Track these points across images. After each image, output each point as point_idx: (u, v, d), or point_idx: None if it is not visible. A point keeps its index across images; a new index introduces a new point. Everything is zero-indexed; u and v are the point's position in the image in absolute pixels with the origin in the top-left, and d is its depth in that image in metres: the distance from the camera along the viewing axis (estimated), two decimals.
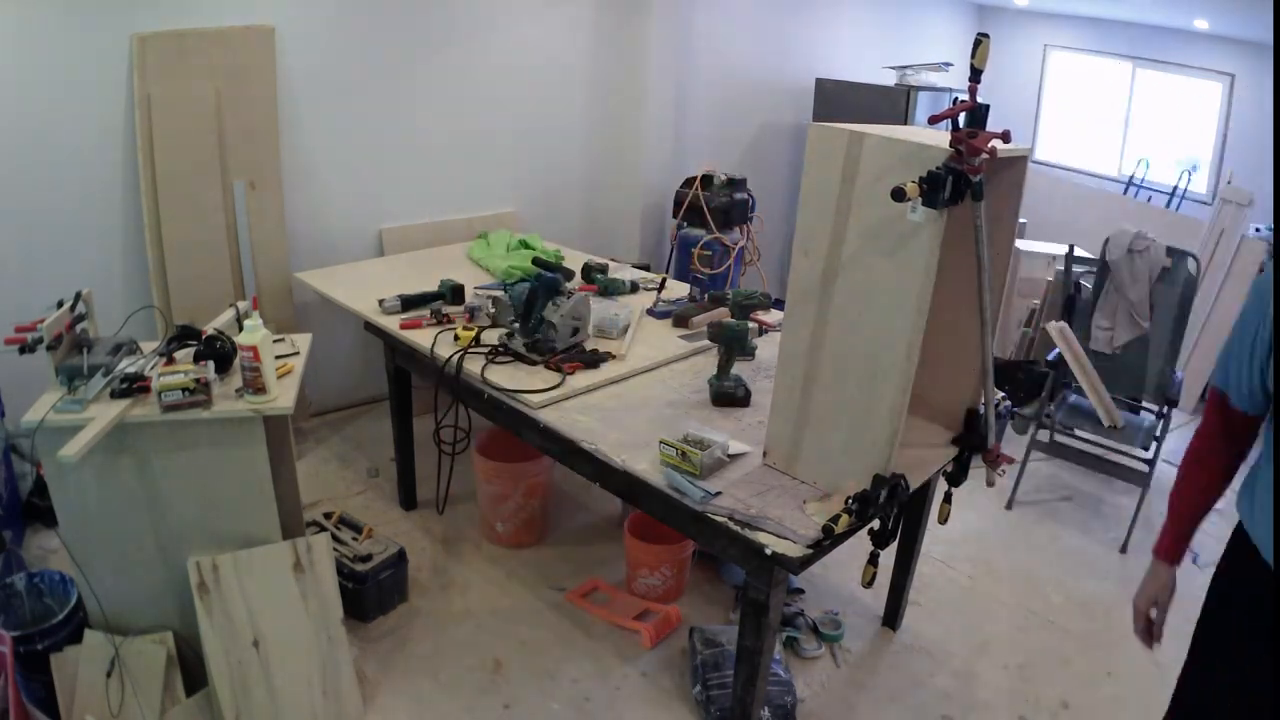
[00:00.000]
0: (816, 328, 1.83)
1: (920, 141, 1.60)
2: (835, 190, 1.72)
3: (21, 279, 2.90)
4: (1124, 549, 3.26)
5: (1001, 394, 4.12)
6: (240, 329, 1.97)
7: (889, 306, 1.69)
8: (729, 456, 1.99)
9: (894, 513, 1.80)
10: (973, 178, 1.56)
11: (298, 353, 2.28)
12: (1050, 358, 3.63)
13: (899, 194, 1.52)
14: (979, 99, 1.59)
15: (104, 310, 2.22)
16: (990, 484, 2.10)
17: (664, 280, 3.26)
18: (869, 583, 1.86)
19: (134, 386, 1.93)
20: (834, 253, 1.76)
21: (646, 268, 4.10)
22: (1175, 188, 6.15)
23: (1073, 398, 3.67)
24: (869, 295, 1.73)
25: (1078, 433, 3.65)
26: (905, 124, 5.01)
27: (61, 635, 2.01)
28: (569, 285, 2.64)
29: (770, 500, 1.84)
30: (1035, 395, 4.07)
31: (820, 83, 5.46)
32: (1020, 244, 4.95)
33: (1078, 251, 3.95)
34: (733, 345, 2.31)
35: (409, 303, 2.83)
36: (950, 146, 1.55)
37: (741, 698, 1.98)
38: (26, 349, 1.87)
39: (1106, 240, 3.56)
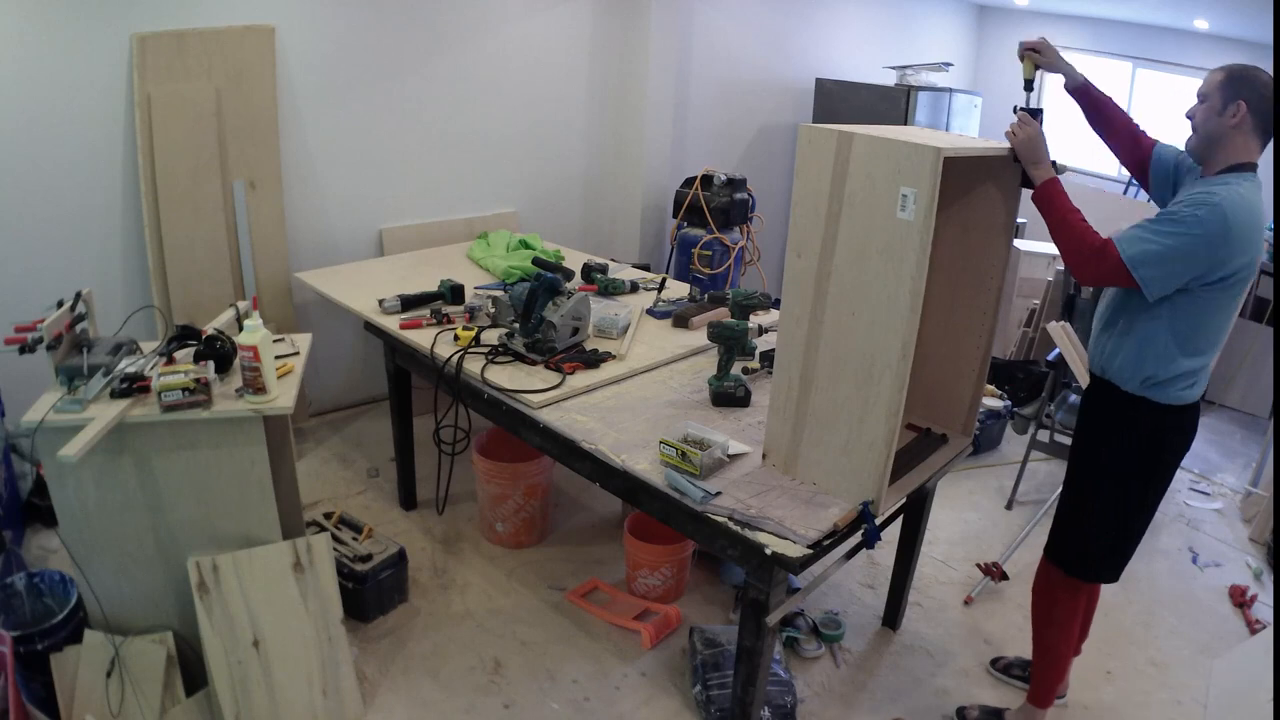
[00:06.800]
0: (812, 329, 1.83)
1: (909, 141, 1.60)
2: (826, 191, 1.72)
3: (21, 279, 2.91)
4: None
5: (1001, 393, 4.14)
6: (240, 329, 1.97)
7: (882, 306, 1.69)
8: (729, 456, 1.99)
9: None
10: None
11: (298, 353, 2.28)
12: (1050, 358, 3.64)
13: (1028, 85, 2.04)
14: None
15: (104, 310, 2.22)
16: None
17: (664, 280, 3.26)
18: None
19: (134, 386, 1.93)
20: (827, 253, 1.76)
21: (646, 268, 4.10)
22: None
23: (1073, 398, 3.67)
24: (863, 295, 1.73)
25: None
26: (905, 124, 5.01)
27: (61, 635, 2.01)
28: (569, 285, 2.64)
29: (770, 500, 1.84)
30: (1035, 395, 4.07)
31: (820, 83, 5.46)
32: (1020, 244, 4.96)
33: None
34: (733, 345, 2.31)
35: (409, 303, 2.83)
36: None
37: (741, 698, 1.98)
38: (26, 349, 1.87)
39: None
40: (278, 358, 2.14)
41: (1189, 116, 1.92)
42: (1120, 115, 2.09)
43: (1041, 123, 1.92)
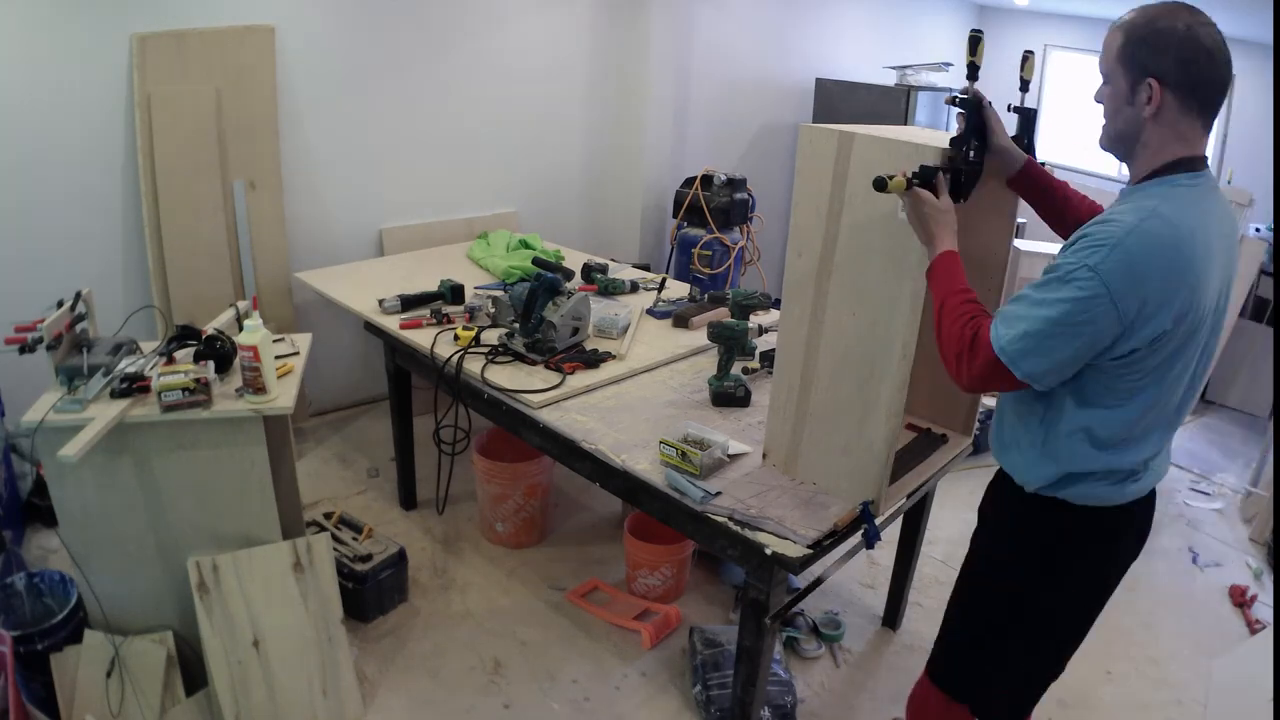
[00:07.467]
0: (812, 329, 1.83)
1: (910, 141, 1.60)
2: (827, 190, 1.72)
3: (22, 279, 2.90)
4: None
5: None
6: (240, 329, 1.97)
7: (883, 306, 1.69)
8: (729, 456, 1.99)
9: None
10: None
11: (298, 353, 2.28)
12: None
13: (880, 184, 1.40)
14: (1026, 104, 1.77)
15: (104, 310, 2.22)
16: None
17: (664, 280, 3.26)
18: None
19: (134, 386, 1.93)
20: (827, 253, 1.76)
21: (646, 268, 4.10)
22: None
23: None
24: (863, 295, 1.72)
25: None
26: (905, 124, 5.01)
27: (61, 635, 2.01)
28: (569, 285, 2.64)
29: (770, 500, 1.83)
30: None
31: (820, 83, 5.46)
32: (1020, 244, 4.95)
33: None
34: (733, 345, 2.31)
35: (409, 303, 2.83)
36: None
37: (741, 698, 1.98)
38: (26, 349, 1.87)
39: None
40: (278, 358, 2.14)
41: (1097, 101, 1.38)
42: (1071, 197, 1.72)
43: (1036, 122, 1.84)
